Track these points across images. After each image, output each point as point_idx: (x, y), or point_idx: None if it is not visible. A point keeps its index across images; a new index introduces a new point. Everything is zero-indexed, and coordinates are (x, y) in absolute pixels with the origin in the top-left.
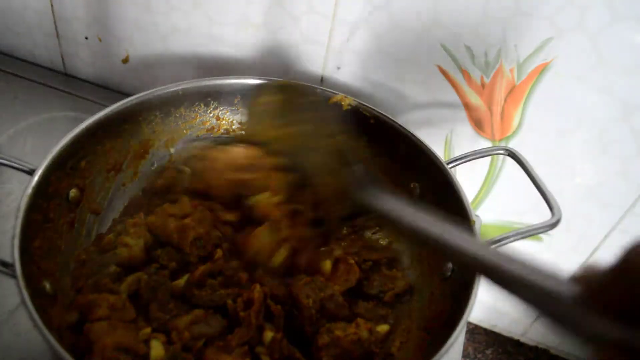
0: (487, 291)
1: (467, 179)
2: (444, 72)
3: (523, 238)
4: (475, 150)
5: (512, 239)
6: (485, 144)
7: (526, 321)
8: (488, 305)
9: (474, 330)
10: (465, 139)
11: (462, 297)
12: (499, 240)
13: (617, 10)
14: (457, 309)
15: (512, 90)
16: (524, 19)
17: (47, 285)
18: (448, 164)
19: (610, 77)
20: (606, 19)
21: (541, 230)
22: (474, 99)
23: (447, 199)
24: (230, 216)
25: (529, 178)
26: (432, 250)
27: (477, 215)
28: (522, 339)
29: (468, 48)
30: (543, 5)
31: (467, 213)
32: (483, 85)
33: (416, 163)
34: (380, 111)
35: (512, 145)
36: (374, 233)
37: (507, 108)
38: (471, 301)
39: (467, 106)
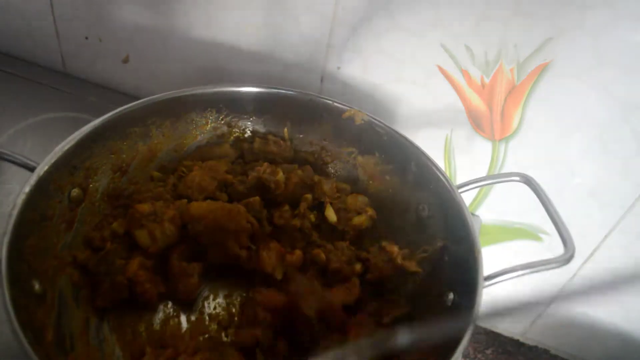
0: (487, 291)
1: (467, 179)
2: (444, 72)
3: (532, 273)
4: (488, 176)
5: (519, 272)
6: (485, 144)
7: (526, 321)
8: (488, 305)
9: (474, 330)
10: (465, 139)
11: (458, 330)
12: (506, 272)
13: (617, 10)
14: (451, 343)
15: (512, 90)
16: (524, 19)
17: (37, 285)
18: (459, 188)
19: (610, 77)
20: (606, 19)
21: (553, 265)
22: (474, 99)
23: (454, 225)
24: None
25: (543, 207)
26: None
27: (477, 215)
28: (522, 339)
29: (468, 48)
30: (543, 5)
31: (474, 244)
32: (483, 85)
33: (426, 184)
34: (393, 128)
35: (512, 145)
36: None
37: (507, 108)
38: (466, 337)
39: (467, 106)
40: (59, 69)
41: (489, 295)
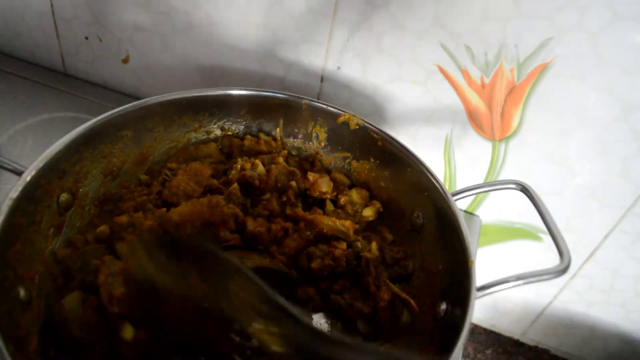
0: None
1: (468, 179)
2: (444, 72)
3: (525, 284)
4: (484, 183)
5: (513, 283)
6: (485, 143)
7: (526, 321)
8: (488, 305)
9: (474, 330)
10: (465, 139)
11: (448, 342)
12: (500, 283)
13: (617, 10)
14: (443, 353)
15: (512, 90)
16: (524, 19)
17: (22, 292)
18: (454, 195)
19: (610, 77)
20: (606, 19)
21: (547, 277)
22: (474, 99)
23: (449, 233)
24: None
25: (539, 216)
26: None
27: (477, 215)
28: (522, 339)
29: (468, 48)
30: (543, 5)
31: (466, 252)
32: (483, 85)
33: (421, 191)
34: (388, 134)
35: (512, 145)
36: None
37: (507, 108)
38: (457, 348)
39: (467, 106)
40: (59, 69)
41: (489, 295)
